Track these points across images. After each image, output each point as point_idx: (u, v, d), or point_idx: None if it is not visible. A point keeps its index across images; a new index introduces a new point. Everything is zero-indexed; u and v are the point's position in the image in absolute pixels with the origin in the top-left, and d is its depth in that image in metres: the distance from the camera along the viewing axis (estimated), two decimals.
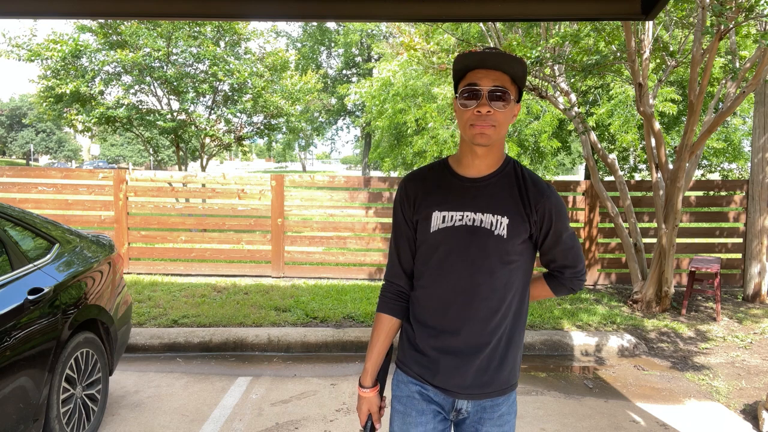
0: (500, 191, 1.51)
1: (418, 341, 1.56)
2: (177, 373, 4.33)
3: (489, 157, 1.51)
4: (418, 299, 1.57)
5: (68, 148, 50.00)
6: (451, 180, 1.54)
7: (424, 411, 1.56)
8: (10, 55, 9.89)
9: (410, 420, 1.56)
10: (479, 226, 1.49)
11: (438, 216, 1.51)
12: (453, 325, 1.51)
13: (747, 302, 6.48)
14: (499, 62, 1.41)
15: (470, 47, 7.21)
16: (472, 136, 1.45)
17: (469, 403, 1.56)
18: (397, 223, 1.61)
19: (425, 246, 1.54)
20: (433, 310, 1.53)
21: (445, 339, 1.52)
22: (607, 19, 2.72)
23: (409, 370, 1.58)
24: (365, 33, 26.46)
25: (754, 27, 5.85)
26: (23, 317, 2.62)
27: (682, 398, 3.99)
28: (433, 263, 1.52)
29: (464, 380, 1.52)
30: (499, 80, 1.42)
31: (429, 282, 1.54)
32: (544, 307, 5.95)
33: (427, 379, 1.55)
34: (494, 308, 1.50)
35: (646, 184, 7.26)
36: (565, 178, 29.88)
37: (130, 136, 14.42)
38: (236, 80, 10.66)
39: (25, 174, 8.12)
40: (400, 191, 1.60)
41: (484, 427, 1.56)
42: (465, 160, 1.54)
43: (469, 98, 1.43)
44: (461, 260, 1.49)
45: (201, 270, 7.33)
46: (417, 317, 1.57)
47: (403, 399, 1.58)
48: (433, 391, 1.55)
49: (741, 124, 12.03)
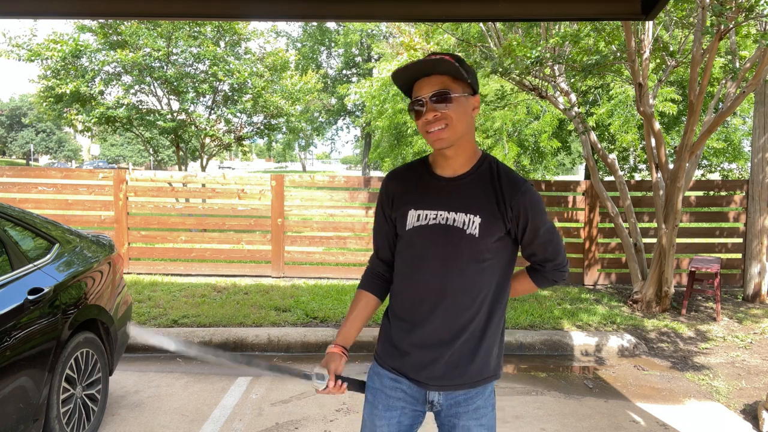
0: (475, 190, 1.55)
1: (393, 335, 1.62)
2: (177, 373, 4.33)
3: (460, 157, 1.56)
4: (395, 293, 1.65)
5: (68, 148, 50.00)
6: (428, 179, 1.59)
7: (391, 407, 1.62)
8: (10, 55, 9.89)
9: (377, 412, 1.63)
10: (452, 225, 1.53)
11: (413, 214, 1.57)
12: (424, 319, 1.56)
13: (747, 302, 6.48)
14: (430, 68, 1.48)
15: (470, 47, 7.21)
16: (431, 142, 1.52)
17: (440, 396, 1.60)
18: (378, 219, 1.69)
19: (402, 243, 1.61)
20: (407, 304, 1.59)
21: (417, 333, 1.57)
22: (607, 19, 2.72)
23: (384, 362, 1.64)
24: (365, 33, 26.45)
25: (754, 27, 5.84)
26: (23, 317, 2.62)
27: (682, 398, 3.99)
28: (408, 260, 1.59)
29: (434, 372, 1.56)
30: (438, 84, 1.48)
31: (404, 277, 1.61)
32: (544, 307, 5.95)
33: (400, 370, 1.60)
34: (465, 305, 1.54)
35: (646, 184, 7.26)
36: (565, 178, 29.87)
37: (130, 136, 14.42)
38: (236, 80, 10.66)
39: (25, 174, 8.11)
40: (381, 188, 1.68)
41: (461, 420, 1.59)
42: (437, 161, 1.60)
43: (418, 110, 1.50)
44: (433, 258, 1.54)
45: (201, 270, 7.33)
46: (393, 311, 1.64)
47: (374, 390, 1.65)
48: (406, 383, 1.60)
49: (741, 124, 12.03)
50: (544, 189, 7.50)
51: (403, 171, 1.66)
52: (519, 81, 6.67)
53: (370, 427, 1.65)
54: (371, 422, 1.65)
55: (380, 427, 1.63)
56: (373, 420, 1.64)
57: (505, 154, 10.17)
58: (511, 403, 3.84)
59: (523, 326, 5.32)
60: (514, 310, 5.77)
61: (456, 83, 1.49)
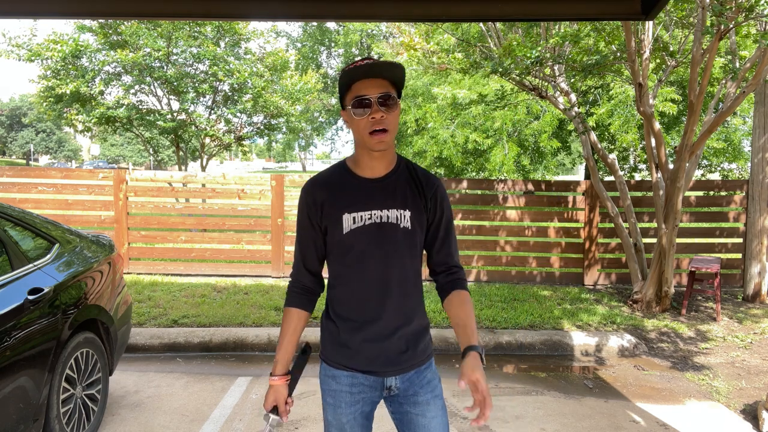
0: (399, 187, 1.65)
1: (342, 336, 1.68)
2: (177, 373, 4.33)
3: (386, 159, 1.64)
4: (338, 297, 1.69)
5: (68, 148, 50.00)
6: (353, 182, 1.65)
7: (354, 401, 1.69)
8: (10, 55, 9.89)
9: (341, 411, 1.69)
10: (386, 221, 1.63)
11: (348, 218, 1.62)
12: (373, 314, 1.64)
13: (747, 302, 6.48)
14: (380, 70, 1.54)
15: (470, 47, 7.21)
16: (372, 144, 1.56)
17: (397, 379, 1.70)
18: (303, 226, 1.69)
19: (339, 247, 1.65)
20: (354, 303, 1.66)
21: (367, 329, 1.65)
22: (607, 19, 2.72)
23: (337, 363, 1.70)
24: (365, 33, 26.45)
25: (754, 27, 5.84)
26: (23, 317, 2.62)
27: (682, 398, 3.99)
28: (349, 262, 1.64)
29: (389, 360, 1.66)
30: (383, 87, 1.54)
31: (347, 279, 1.66)
32: (544, 307, 5.95)
33: (355, 367, 1.67)
34: (406, 294, 1.67)
35: (646, 184, 7.26)
36: (565, 178, 29.88)
37: (130, 136, 14.42)
38: (236, 80, 10.66)
39: (25, 174, 8.12)
40: (304, 196, 1.68)
41: (419, 396, 1.70)
42: (363, 163, 1.65)
43: (362, 107, 1.54)
44: (376, 256, 1.62)
45: (201, 270, 7.33)
46: (338, 314, 1.69)
47: (332, 392, 1.71)
48: (362, 376, 1.68)
49: (741, 124, 12.03)
50: (544, 189, 7.50)
51: (324, 178, 1.69)
52: (519, 81, 6.67)
53: (337, 426, 1.70)
54: (337, 421, 1.70)
55: (347, 422, 1.69)
56: (338, 419, 1.69)
57: (505, 154, 10.17)
58: (511, 403, 3.85)
59: (523, 326, 5.32)
60: (514, 310, 5.77)
61: (393, 90, 1.57)
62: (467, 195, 7.88)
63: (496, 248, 7.31)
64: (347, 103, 1.58)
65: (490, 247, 7.34)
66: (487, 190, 7.65)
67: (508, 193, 7.41)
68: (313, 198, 1.65)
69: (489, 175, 11.40)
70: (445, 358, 4.71)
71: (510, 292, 6.58)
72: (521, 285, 7.06)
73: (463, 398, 3.88)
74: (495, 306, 5.93)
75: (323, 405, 1.74)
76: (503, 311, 5.74)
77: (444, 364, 4.58)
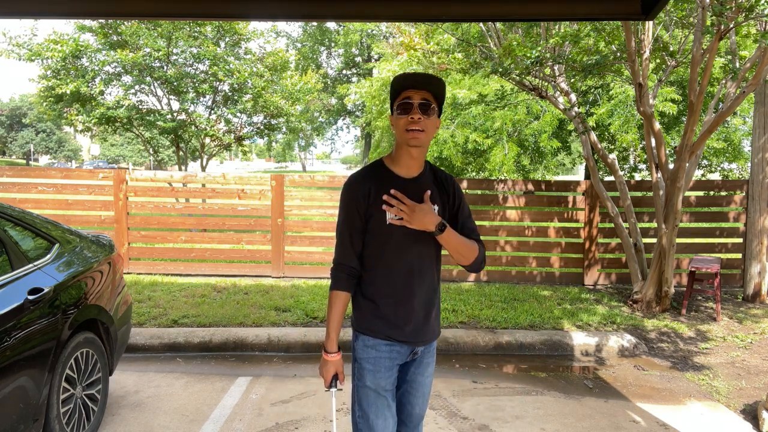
0: (429, 185, 1.97)
1: (383, 311, 1.95)
2: (177, 373, 4.33)
3: (420, 159, 1.95)
4: (378, 278, 1.95)
5: (68, 148, 50.00)
6: (394, 180, 1.93)
7: (391, 366, 1.98)
8: (11, 55, 9.88)
9: (380, 375, 1.96)
10: None
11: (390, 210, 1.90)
12: (411, 293, 1.95)
13: (747, 302, 6.48)
14: (424, 83, 1.87)
15: (470, 47, 7.21)
16: (407, 139, 1.87)
17: (422, 348, 2.05)
18: (351, 217, 1.93)
19: (382, 235, 1.91)
20: (394, 284, 1.94)
21: (405, 305, 1.95)
22: (607, 19, 2.72)
23: (378, 333, 1.96)
24: (365, 33, 26.44)
25: (754, 27, 5.85)
26: (23, 317, 2.62)
27: (682, 398, 3.99)
28: (391, 247, 1.92)
29: (424, 333, 2.00)
30: (426, 96, 1.87)
31: (388, 263, 1.93)
32: (544, 307, 5.95)
33: (395, 338, 1.95)
34: (433, 276, 2.01)
35: (646, 184, 7.26)
36: (565, 178, 29.86)
37: (130, 136, 14.43)
38: (236, 80, 10.65)
39: (25, 174, 8.12)
40: (353, 189, 1.93)
41: (424, 359, 2.07)
42: (402, 162, 1.94)
43: (404, 110, 1.86)
44: (412, 243, 1.92)
45: (201, 270, 7.33)
46: (378, 292, 1.95)
47: (371, 360, 1.97)
48: (399, 345, 1.97)
49: (741, 124, 12.03)
50: (544, 189, 7.50)
51: (368, 173, 1.95)
52: (519, 81, 6.67)
53: (375, 389, 1.96)
54: (376, 385, 1.96)
55: (385, 386, 1.97)
56: (378, 383, 1.96)
57: (505, 154, 10.17)
58: (511, 403, 3.85)
59: (523, 326, 5.32)
60: (514, 310, 5.77)
61: (435, 102, 1.89)
62: (467, 195, 7.88)
63: (496, 248, 7.31)
64: (394, 106, 1.90)
65: (490, 247, 7.34)
66: (487, 190, 7.64)
67: (508, 193, 7.41)
68: (362, 191, 1.90)
69: (489, 175, 11.39)
70: (446, 359, 4.71)
71: (510, 292, 6.58)
72: (521, 285, 7.06)
73: (463, 398, 3.89)
74: (495, 306, 5.93)
75: (359, 375, 1.99)
76: (503, 311, 5.73)
77: (444, 364, 4.58)
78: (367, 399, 1.97)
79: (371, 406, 1.96)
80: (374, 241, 1.93)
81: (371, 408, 1.96)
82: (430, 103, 1.86)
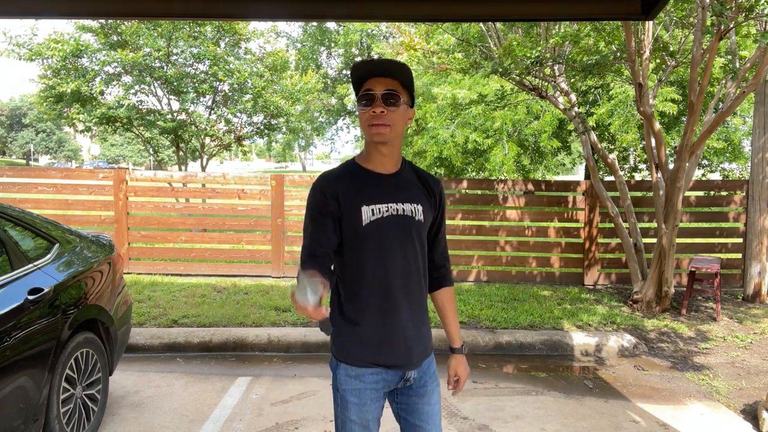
0: (410, 184, 1.75)
1: (364, 333, 1.70)
2: (177, 373, 4.33)
3: (392, 155, 1.72)
4: (356, 293, 1.70)
5: (68, 148, 50.00)
6: (367, 177, 1.71)
7: (378, 397, 1.74)
8: (11, 55, 9.88)
9: (366, 408, 1.72)
10: (402, 214, 1.70)
11: (367, 210, 1.66)
12: (396, 305, 1.69)
13: (747, 302, 6.48)
14: (387, 70, 1.64)
15: (470, 47, 7.21)
16: (371, 135, 1.65)
17: (415, 372, 1.78)
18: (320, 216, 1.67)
19: (357, 239, 1.67)
20: (376, 297, 1.68)
21: (391, 322, 1.70)
22: (607, 19, 2.72)
23: (360, 361, 1.71)
24: (365, 33, 26.43)
25: (754, 27, 5.85)
26: (23, 317, 2.62)
27: (682, 398, 3.99)
28: (370, 253, 1.67)
29: (415, 354, 1.75)
30: (390, 85, 1.64)
31: (367, 272, 1.68)
32: (544, 307, 5.95)
33: (382, 363, 1.71)
34: (420, 285, 1.76)
35: (646, 184, 7.26)
36: (565, 178, 29.86)
37: (130, 136, 14.41)
38: (236, 80, 10.65)
39: (25, 174, 8.12)
40: (317, 191, 1.68)
41: (427, 386, 1.81)
42: (374, 159, 1.72)
43: (367, 103, 1.64)
44: (395, 246, 1.68)
45: (201, 270, 7.33)
46: (359, 311, 1.70)
47: (356, 392, 1.72)
48: (386, 372, 1.73)
49: (741, 124, 12.03)
50: (544, 189, 7.50)
51: (335, 174, 1.73)
52: (519, 81, 6.67)
53: (362, 423, 1.73)
54: (362, 419, 1.73)
55: (372, 419, 1.75)
56: (363, 417, 1.72)
57: (505, 154, 10.17)
58: (511, 403, 3.85)
59: (523, 326, 5.32)
60: (514, 310, 5.77)
61: (403, 91, 1.66)
62: (467, 195, 7.88)
63: (496, 248, 7.31)
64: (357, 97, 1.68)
65: (490, 247, 7.34)
66: (487, 190, 7.64)
67: (508, 193, 7.41)
68: (327, 191, 1.67)
69: (489, 175, 11.39)
70: (446, 359, 4.70)
71: (510, 292, 6.58)
72: (521, 285, 7.06)
73: (463, 398, 3.89)
74: (495, 306, 5.93)
75: (342, 406, 1.74)
76: (503, 311, 5.73)
77: (444, 364, 4.57)
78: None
79: None
80: (350, 246, 1.68)
81: None
82: (395, 93, 1.63)
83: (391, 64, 1.65)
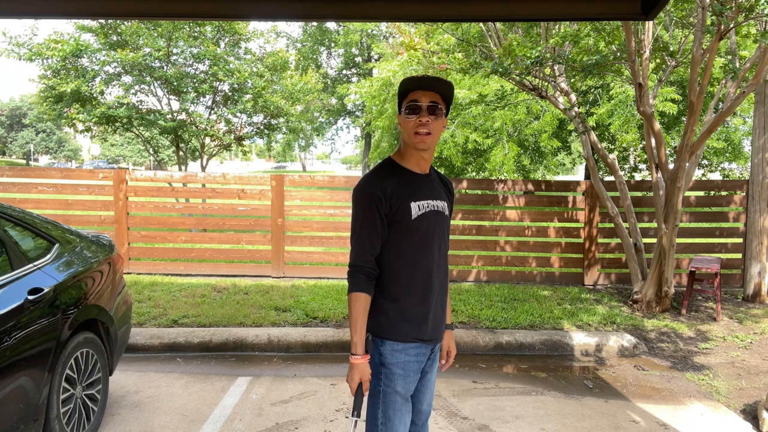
0: (437, 184, 2.04)
1: (408, 311, 1.93)
2: (177, 373, 4.33)
3: (429, 158, 2.00)
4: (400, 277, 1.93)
5: (68, 148, 50.01)
6: (411, 176, 1.95)
7: (417, 370, 1.98)
8: (11, 55, 9.88)
9: (410, 379, 1.96)
10: (439, 210, 1.99)
11: (415, 206, 1.91)
12: (432, 288, 1.96)
13: (747, 302, 6.48)
14: (432, 84, 1.88)
15: (470, 47, 7.21)
16: (415, 142, 1.89)
17: (438, 344, 2.09)
18: (371, 218, 1.89)
19: (406, 230, 1.91)
20: (418, 279, 1.93)
21: (428, 301, 1.96)
22: (607, 19, 2.72)
23: (406, 337, 1.93)
24: (365, 33, 26.43)
25: (754, 27, 5.85)
26: (23, 317, 2.62)
27: (682, 398, 3.99)
28: (416, 244, 1.93)
29: (441, 329, 2.04)
30: (434, 98, 1.89)
31: (412, 260, 1.92)
32: (544, 307, 5.95)
33: (421, 338, 1.96)
34: (446, 270, 2.07)
35: (646, 184, 7.26)
36: (565, 178, 29.87)
37: (130, 136, 14.42)
38: (236, 80, 10.65)
39: (25, 174, 8.12)
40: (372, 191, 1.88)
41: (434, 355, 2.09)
42: (413, 160, 1.96)
43: (412, 112, 1.88)
44: (435, 237, 1.96)
45: (201, 270, 7.33)
46: (401, 292, 1.93)
47: (401, 365, 1.93)
48: (424, 345, 1.98)
49: (741, 124, 12.03)
50: (544, 189, 7.50)
51: (384, 172, 1.94)
52: (519, 81, 6.66)
53: (404, 394, 1.95)
54: (406, 390, 1.95)
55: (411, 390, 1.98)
56: (407, 387, 1.95)
57: (505, 154, 10.17)
58: (511, 403, 3.85)
59: (523, 326, 5.32)
60: (514, 310, 5.77)
61: (443, 103, 1.91)
62: (467, 195, 7.88)
63: (496, 248, 7.31)
64: (402, 107, 1.91)
65: (490, 247, 7.34)
66: (487, 190, 7.65)
67: (508, 193, 7.41)
68: (382, 191, 1.87)
69: (489, 175, 11.40)
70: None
71: (510, 292, 6.58)
72: (521, 285, 7.06)
73: (463, 398, 3.89)
74: (495, 306, 5.93)
75: (388, 378, 1.93)
76: (503, 311, 5.74)
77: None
78: (394, 405, 1.93)
79: (397, 413, 1.93)
80: (398, 238, 1.91)
81: (397, 414, 1.93)
82: (438, 105, 1.88)
83: (436, 79, 1.88)
